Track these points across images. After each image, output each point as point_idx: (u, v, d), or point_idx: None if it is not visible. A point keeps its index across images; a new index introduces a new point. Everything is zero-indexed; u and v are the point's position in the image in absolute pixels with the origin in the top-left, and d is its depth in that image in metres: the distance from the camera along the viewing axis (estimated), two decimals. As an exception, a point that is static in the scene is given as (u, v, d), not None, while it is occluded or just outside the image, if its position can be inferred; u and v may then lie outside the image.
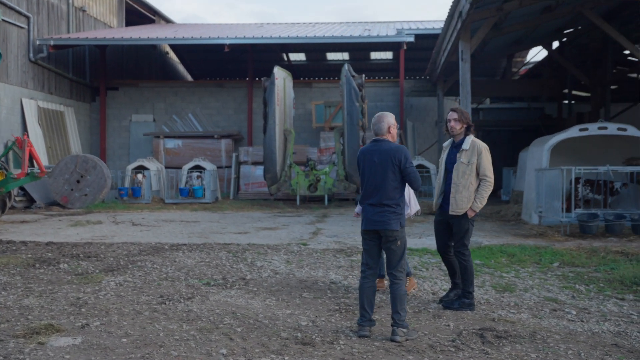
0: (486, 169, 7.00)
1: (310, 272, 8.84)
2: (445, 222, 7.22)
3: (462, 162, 7.04)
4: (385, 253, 6.01)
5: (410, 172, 5.90)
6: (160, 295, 7.45)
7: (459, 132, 7.18)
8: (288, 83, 22.11)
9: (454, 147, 7.24)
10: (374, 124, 6.11)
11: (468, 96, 15.62)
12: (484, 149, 7.06)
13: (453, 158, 7.14)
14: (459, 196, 7.02)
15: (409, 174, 5.91)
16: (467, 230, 7.09)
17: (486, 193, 7.02)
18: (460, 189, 7.01)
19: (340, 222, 14.90)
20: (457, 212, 7.02)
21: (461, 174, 7.03)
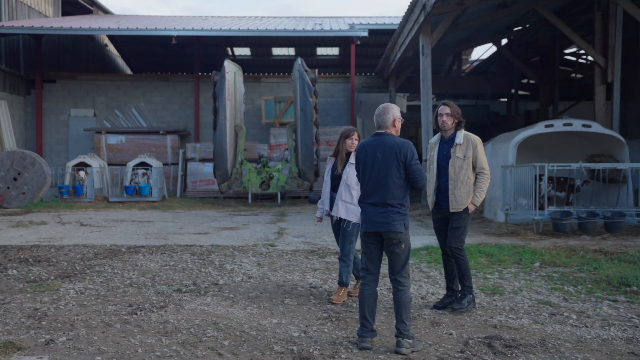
0: (483, 162, 6.71)
1: (285, 276, 8.29)
2: (445, 219, 6.83)
3: (457, 157, 6.67)
4: (387, 257, 5.52)
5: (416, 169, 5.44)
6: (128, 304, 6.78)
7: (450, 127, 6.80)
8: (238, 77, 21.43)
9: (444, 142, 6.85)
10: (377, 115, 5.61)
11: (429, 92, 15.34)
12: (479, 142, 6.75)
13: (446, 154, 6.76)
14: (458, 192, 6.65)
15: (415, 171, 5.44)
16: (466, 226, 6.79)
17: (485, 186, 6.77)
18: (458, 184, 6.65)
19: (302, 221, 14.37)
20: (457, 209, 6.67)
21: (458, 170, 6.67)
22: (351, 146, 7.03)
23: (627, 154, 12.91)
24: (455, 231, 6.77)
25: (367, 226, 5.46)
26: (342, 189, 6.99)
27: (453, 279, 6.97)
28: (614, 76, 17.98)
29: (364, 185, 5.53)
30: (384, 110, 5.58)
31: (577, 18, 21.54)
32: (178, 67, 32.90)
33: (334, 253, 9.78)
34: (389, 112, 5.56)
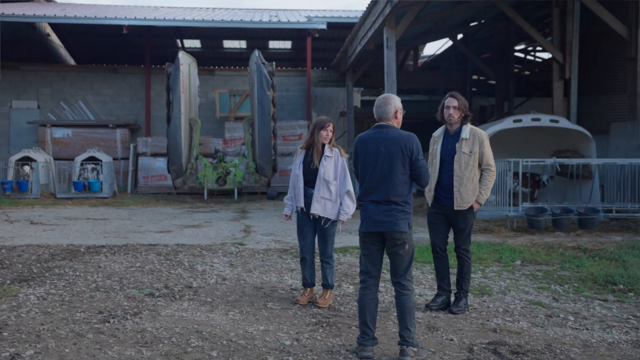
0: (489, 158, 6.44)
1: (262, 277, 7.85)
2: (443, 215, 6.50)
3: (464, 152, 6.36)
4: (390, 259, 5.14)
5: (421, 165, 5.07)
6: (98, 310, 6.24)
7: (456, 121, 6.47)
8: (193, 69, 20.75)
9: (449, 136, 6.51)
10: (377, 106, 5.20)
11: (393, 85, 15.03)
12: (485, 137, 6.46)
13: (451, 149, 6.43)
14: (464, 189, 6.34)
15: (420, 167, 5.07)
16: (472, 225, 6.51)
17: (491, 184, 6.49)
18: (464, 181, 6.34)
19: (266, 218, 13.90)
20: (463, 207, 6.35)
21: (464, 166, 6.36)
22: (326, 138, 6.60)
23: (594, 150, 12.88)
24: (462, 232, 6.49)
25: (368, 225, 5.07)
26: (320, 185, 6.56)
27: (444, 277, 6.66)
28: (571, 72, 18.07)
29: (365, 182, 5.13)
30: (384, 100, 5.19)
31: (534, 14, 21.63)
32: (126, 59, 31.85)
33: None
34: (390, 103, 5.17)
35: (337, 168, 6.63)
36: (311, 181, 6.62)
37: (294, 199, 6.74)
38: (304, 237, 6.74)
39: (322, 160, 6.59)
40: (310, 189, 6.62)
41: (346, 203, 6.63)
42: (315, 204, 6.56)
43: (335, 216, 6.61)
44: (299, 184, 6.65)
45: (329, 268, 6.69)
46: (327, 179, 6.56)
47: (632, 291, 7.33)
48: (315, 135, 6.64)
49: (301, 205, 6.65)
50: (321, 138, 6.62)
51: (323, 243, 6.68)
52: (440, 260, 6.65)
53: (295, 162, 6.78)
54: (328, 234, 6.65)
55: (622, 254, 8.84)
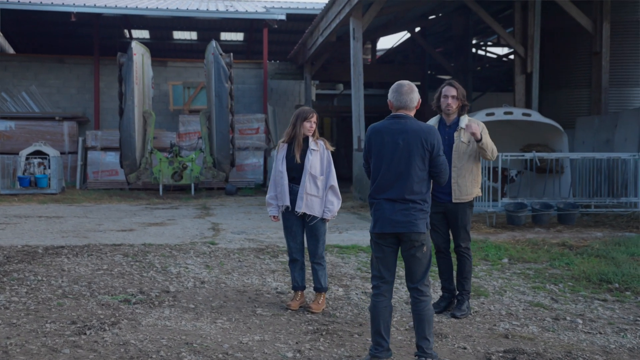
0: (492, 144, 6.03)
1: (243, 280, 7.32)
2: (442, 214, 6.11)
3: (462, 141, 6.00)
4: (405, 262, 4.69)
5: (442, 162, 4.63)
6: (71, 320, 5.63)
7: (454, 111, 6.08)
8: (146, 60, 19.93)
9: (445, 126, 6.11)
10: (400, 93, 4.69)
11: (360, 77, 14.65)
12: (484, 126, 6.08)
13: (448, 139, 6.03)
14: (463, 181, 5.97)
15: (441, 164, 4.63)
16: (470, 220, 6.12)
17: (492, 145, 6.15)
18: (463, 172, 5.97)
19: (231, 215, 13.31)
20: (461, 199, 5.98)
21: (462, 155, 6.00)
22: (310, 130, 6.11)
23: (567, 144, 12.74)
24: (462, 229, 6.11)
25: (383, 226, 4.60)
26: (306, 181, 6.07)
27: (449, 278, 6.28)
28: (533, 66, 18.02)
29: (378, 178, 4.66)
30: (409, 87, 4.70)
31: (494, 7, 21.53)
32: (71, 50, 30.61)
33: (286, 251, 8.87)
34: (414, 91, 4.70)
35: (323, 162, 6.17)
36: (296, 177, 6.13)
37: (278, 197, 6.22)
38: (294, 238, 6.24)
39: (307, 154, 6.11)
40: (295, 185, 6.12)
41: (330, 199, 6.17)
42: (299, 201, 6.08)
43: (322, 214, 6.14)
44: (283, 181, 6.14)
45: (321, 270, 6.22)
46: (314, 173, 6.10)
47: (629, 290, 7.09)
48: (297, 127, 6.14)
49: (286, 203, 6.14)
50: (304, 130, 6.13)
51: (313, 243, 6.19)
52: (445, 260, 6.27)
53: (277, 157, 6.25)
54: (319, 233, 6.18)
55: (609, 250, 8.64)
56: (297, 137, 6.11)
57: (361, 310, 6.19)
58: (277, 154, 6.24)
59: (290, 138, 6.17)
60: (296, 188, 6.10)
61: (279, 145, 6.26)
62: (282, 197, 6.13)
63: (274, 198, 6.24)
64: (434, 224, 6.14)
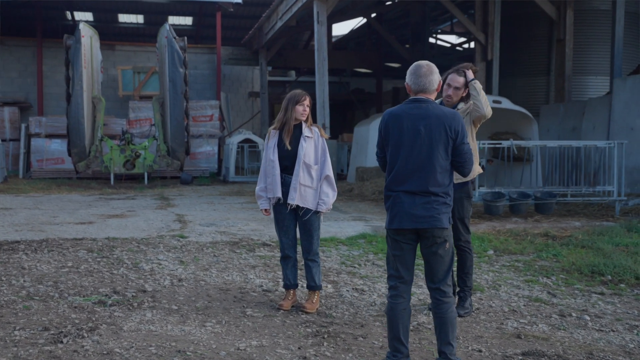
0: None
1: (223, 277, 6.83)
2: None
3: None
4: (426, 261, 4.29)
5: (466, 150, 4.24)
6: (42, 327, 5.05)
7: (453, 103, 5.72)
8: (95, 43, 19.03)
9: None
10: (417, 75, 4.25)
11: (325, 63, 14.21)
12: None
13: None
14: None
15: (465, 152, 4.24)
16: (468, 212, 5.76)
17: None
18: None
19: (194, 205, 12.72)
20: (458, 179, 5.58)
21: None
22: (303, 114, 5.64)
23: (536, 131, 12.60)
24: (461, 222, 5.74)
25: (402, 221, 4.18)
26: (299, 170, 5.61)
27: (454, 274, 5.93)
28: (493, 54, 17.94)
29: (396, 168, 4.24)
30: (429, 69, 4.28)
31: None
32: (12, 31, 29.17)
33: (262, 245, 8.41)
34: (434, 72, 4.28)
35: (318, 150, 5.72)
36: (288, 166, 5.66)
37: (268, 189, 5.74)
38: (286, 233, 5.78)
39: (300, 141, 5.65)
40: (288, 175, 5.66)
41: (325, 191, 5.72)
42: (293, 193, 5.62)
43: (316, 206, 5.70)
44: (275, 171, 5.65)
45: (316, 267, 5.79)
46: (309, 162, 5.64)
47: (622, 282, 6.89)
48: (289, 111, 5.66)
49: (278, 195, 5.66)
50: (296, 114, 5.65)
51: (307, 238, 5.75)
52: None
53: (268, 145, 5.75)
54: (313, 228, 5.74)
55: (593, 240, 8.47)
56: (288, 122, 5.64)
57: (357, 309, 5.79)
58: (268, 141, 5.76)
59: (281, 124, 5.69)
60: (288, 179, 5.64)
61: (269, 132, 5.78)
62: (274, 189, 5.66)
63: (264, 190, 5.75)
64: None
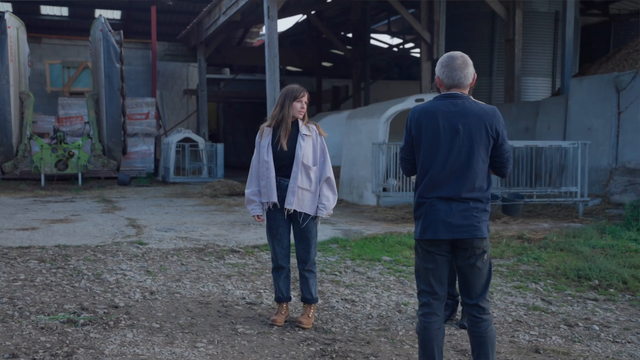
0: None
1: (199, 288, 6.25)
2: None
3: None
4: (461, 274, 3.88)
5: (507, 149, 3.84)
6: (10, 353, 4.39)
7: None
8: (22, 34, 17.88)
9: None
10: (450, 68, 3.83)
11: (275, 59, 13.69)
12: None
13: None
14: None
15: (506, 152, 3.84)
16: None
17: None
18: None
19: (143, 208, 11.97)
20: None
21: None
22: (301, 111, 5.16)
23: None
24: None
25: (437, 231, 3.75)
26: (297, 172, 5.12)
27: (452, 282, 5.54)
28: (439, 53, 17.83)
29: (430, 172, 3.81)
30: (462, 61, 3.85)
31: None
32: None
33: (230, 251, 7.84)
34: (468, 64, 3.86)
35: (317, 150, 5.24)
36: (284, 168, 5.17)
37: (262, 192, 5.21)
38: (280, 241, 5.26)
39: (298, 140, 5.16)
40: (284, 178, 5.16)
41: (325, 194, 5.25)
42: (290, 197, 5.12)
43: (314, 211, 5.23)
44: (269, 173, 5.13)
45: (313, 278, 5.30)
46: (307, 163, 5.16)
47: (611, 287, 6.70)
48: (286, 108, 5.16)
49: (274, 200, 5.15)
50: (294, 112, 5.16)
51: (304, 247, 5.25)
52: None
53: (262, 144, 5.22)
54: (311, 235, 5.25)
55: (570, 243, 8.29)
56: (285, 119, 5.14)
57: (355, 323, 5.34)
58: (261, 140, 5.23)
59: (277, 121, 5.18)
60: (284, 182, 5.14)
61: (262, 129, 5.25)
62: (269, 193, 5.14)
63: (256, 194, 5.22)
64: None
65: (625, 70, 11.67)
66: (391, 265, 7.35)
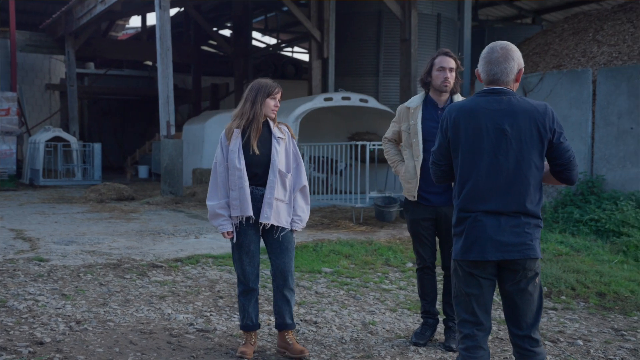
0: None
1: (133, 314, 5.32)
2: (432, 220, 4.81)
3: None
4: (509, 301, 3.32)
5: (567, 149, 3.28)
6: None
7: (451, 88, 4.83)
8: None
9: (434, 108, 4.84)
10: (489, 61, 3.30)
11: (168, 53, 12.68)
12: None
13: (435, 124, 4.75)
14: None
15: (565, 152, 3.28)
16: None
17: None
18: None
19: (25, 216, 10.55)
20: None
21: None
22: (274, 110, 4.47)
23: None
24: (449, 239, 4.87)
25: (484, 251, 3.19)
26: (274, 182, 4.42)
27: (433, 300, 5.04)
28: (329, 51, 17.48)
29: (472, 181, 3.25)
30: (503, 53, 3.30)
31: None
32: None
33: (151, 266, 6.89)
34: (512, 57, 3.31)
35: (290, 155, 4.55)
36: (258, 176, 4.42)
37: (233, 205, 4.41)
38: (252, 260, 4.49)
39: (273, 143, 4.45)
40: (258, 187, 4.42)
41: (300, 205, 4.57)
42: (267, 209, 4.39)
43: (289, 224, 4.52)
44: (243, 182, 4.36)
45: (293, 299, 4.58)
46: (283, 170, 4.46)
47: (562, 294, 6.50)
48: (257, 106, 4.42)
49: (249, 213, 4.38)
50: (267, 110, 4.43)
51: (285, 260, 4.49)
52: (430, 279, 5.00)
53: (230, 149, 4.39)
54: (291, 245, 4.54)
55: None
56: (256, 118, 4.39)
57: (332, 350, 4.69)
58: (228, 142, 4.42)
59: (247, 121, 4.41)
60: (258, 191, 4.40)
61: (230, 130, 4.45)
62: (242, 205, 4.35)
63: (224, 207, 4.40)
64: (422, 233, 4.87)
65: (527, 72, 11.79)
66: (334, 278, 6.75)
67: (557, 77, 10.55)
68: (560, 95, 10.42)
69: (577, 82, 10.30)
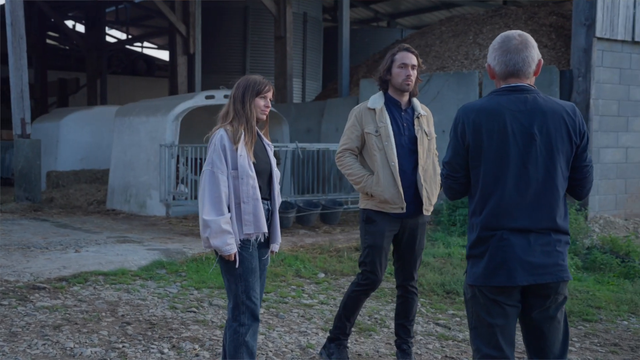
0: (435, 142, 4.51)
1: (26, 350, 4.38)
2: (395, 232, 4.31)
3: (426, 133, 4.34)
4: (535, 330, 2.87)
5: (589, 159, 2.91)
6: None
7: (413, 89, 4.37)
8: None
9: (397, 109, 4.36)
10: (506, 50, 2.85)
11: (22, 42, 11.35)
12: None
13: (407, 127, 4.34)
14: (435, 187, 4.34)
15: (588, 162, 2.89)
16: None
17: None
18: (430, 173, 4.33)
19: None
20: (429, 211, 4.35)
21: (427, 152, 4.34)
22: (264, 111, 3.75)
23: (287, 132, 11.60)
24: (419, 255, 4.43)
25: (513, 274, 2.74)
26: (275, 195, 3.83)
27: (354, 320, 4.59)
28: (195, 47, 16.67)
29: (497, 194, 2.79)
30: (521, 40, 2.86)
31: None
32: None
33: (32, 288, 5.82)
34: (532, 44, 2.87)
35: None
36: (260, 188, 3.69)
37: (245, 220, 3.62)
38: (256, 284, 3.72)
39: (267, 150, 3.83)
40: (266, 201, 3.76)
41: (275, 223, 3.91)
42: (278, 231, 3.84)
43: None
44: (257, 194, 3.63)
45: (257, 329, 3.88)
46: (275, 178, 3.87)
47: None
48: (247, 106, 3.67)
49: (264, 230, 3.67)
50: (258, 111, 3.68)
51: (262, 285, 3.86)
52: (365, 297, 4.52)
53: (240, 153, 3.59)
54: (265, 271, 3.93)
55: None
56: (249, 120, 3.64)
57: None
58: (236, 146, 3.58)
59: (241, 124, 3.65)
60: (268, 206, 3.77)
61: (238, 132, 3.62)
62: (258, 222, 3.62)
63: (230, 223, 3.56)
64: (385, 247, 4.35)
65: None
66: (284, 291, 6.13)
67: (444, 78, 10.49)
68: (447, 97, 10.36)
69: (463, 84, 10.29)
